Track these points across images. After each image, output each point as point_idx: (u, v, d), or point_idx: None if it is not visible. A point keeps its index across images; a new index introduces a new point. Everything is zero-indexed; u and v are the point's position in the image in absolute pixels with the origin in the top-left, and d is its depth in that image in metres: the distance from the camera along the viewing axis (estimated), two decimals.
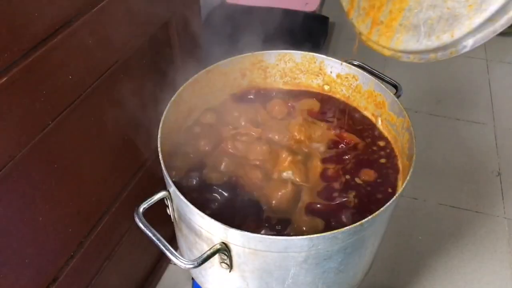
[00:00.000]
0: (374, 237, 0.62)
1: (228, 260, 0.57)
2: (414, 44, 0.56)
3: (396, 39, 0.59)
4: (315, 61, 0.78)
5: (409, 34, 0.57)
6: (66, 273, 0.69)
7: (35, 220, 0.60)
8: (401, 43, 0.58)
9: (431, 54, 0.56)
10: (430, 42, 0.54)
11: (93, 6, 0.59)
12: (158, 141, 0.61)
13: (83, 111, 0.63)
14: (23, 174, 0.56)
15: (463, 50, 0.53)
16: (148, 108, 0.80)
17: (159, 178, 0.62)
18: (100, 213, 0.76)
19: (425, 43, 0.55)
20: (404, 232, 1.19)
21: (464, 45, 0.52)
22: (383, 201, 0.61)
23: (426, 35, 0.54)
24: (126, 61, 0.70)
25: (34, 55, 0.51)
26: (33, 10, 0.50)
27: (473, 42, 0.52)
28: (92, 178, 0.71)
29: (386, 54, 0.63)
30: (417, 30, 0.55)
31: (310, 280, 0.59)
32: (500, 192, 1.29)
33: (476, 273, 1.11)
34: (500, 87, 1.65)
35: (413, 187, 1.28)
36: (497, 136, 1.45)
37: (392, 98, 0.70)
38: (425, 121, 1.51)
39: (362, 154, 0.70)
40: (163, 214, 0.63)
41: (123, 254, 0.85)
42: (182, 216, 0.59)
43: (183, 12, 0.83)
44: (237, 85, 0.79)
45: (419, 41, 0.55)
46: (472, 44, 0.52)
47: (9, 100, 0.49)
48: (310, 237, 0.51)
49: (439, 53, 0.55)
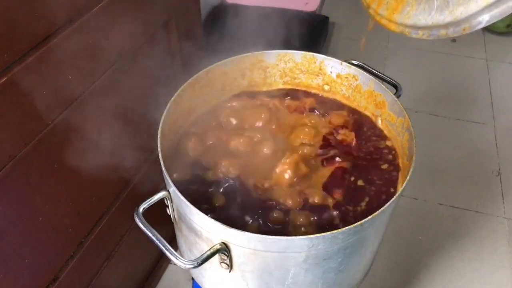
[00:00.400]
0: (374, 237, 0.62)
1: (228, 260, 0.57)
2: (425, 19, 0.52)
3: (406, 13, 0.55)
4: (315, 61, 0.78)
5: (421, 8, 0.53)
6: (66, 273, 0.69)
7: (35, 220, 0.60)
8: (411, 17, 0.55)
9: (442, 30, 0.52)
10: (443, 16, 0.50)
11: (93, 6, 0.59)
12: (158, 141, 0.61)
13: (83, 111, 0.63)
14: (23, 174, 0.56)
15: (478, 27, 0.49)
16: (148, 108, 0.80)
17: (159, 178, 0.62)
18: (100, 213, 0.76)
19: (437, 18, 0.51)
20: (404, 232, 1.19)
21: (480, 20, 0.48)
22: (383, 201, 0.62)
23: (439, 9, 0.50)
24: (126, 61, 0.70)
25: (34, 55, 0.51)
26: (33, 10, 0.50)
27: (489, 18, 0.48)
28: (92, 178, 0.71)
29: (394, 30, 0.59)
30: (429, 3, 0.51)
31: (310, 280, 0.59)
32: (500, 192, 1.29)
33: (476, 273, 1.11)
34: (500, 87, 1.65)
35: (413, 187, 1.28)
36: (497, 136, 1.45)
37: (392, 98, 0.70)
38: (425, 121, 1.51)
39: (362, 155, 0.70)
40: (163, 214, 0.63)
41: (123, 254, 0.85)
42: (182, 216, 0.59)
43: (183, 12, 0.83)
44: (237, 85, 0.79)
45: (430, 15, 0.51)
46: (488, 20, 0.48)
47: (9, 100, 0.49)
48: (310, 237, 0.51)
49: (451, 29, 0.51)
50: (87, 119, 0.65)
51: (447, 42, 1.87)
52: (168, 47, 0.83)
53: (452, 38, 1.88)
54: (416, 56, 1.79)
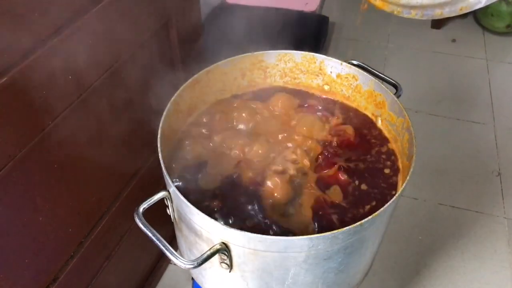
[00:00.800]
0: (374, 237, 0.62)
1: (228, 260, 0.57)
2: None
3: None
4: (315, 61, 0.78)
5: None
6: (66, 273, 0.69)
7: (35, 220, 0.60)
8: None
9: (437, 10, 0.49)
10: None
11: (93, 6, 0.59)
12: (158, 141, 0.61)
13: (83, 111, 0.63)
14: (23, 174, 0.56)
15: (476, 6, 0.45)
16: (148, 108, 0.80)
17: (159, 178, 0.62)
18: (100, 213, 0.76)
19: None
20: (404, 232, 1.19)
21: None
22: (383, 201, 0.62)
23: None
24: (126, 61, 0.70)
25: (34, 55, 0.51)
26: (33, 10, 0.50)
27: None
28: (92, 178, 0.71)
29: (385, 9, 0.56)
30: None
31: (310, 280, 0.59)
32: (500, 192, 1.29)
33: (476, 273, 1.11)
34: (500, 87, 1.65)
35: (413, 187, 1.28)
36: (497, 136, 1.45)
37: (392, 98, 0.70)
38: (425, 121, 1.51)
39: (362, 154, 0.70)
40: (163, 214, 0.63)
41: (123, 254, 0.85)
42: (182, 216, 0.59)
43: (183, 12, 0.83)
44: (237, 85, 0.79)
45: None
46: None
47: (9, 100, 0.49)
48: (310, 237, 0.51)
49: (447, 8, 0.48)
50: (87, 119, 0.65)
51: (447, 42, 1.87)
52: (168, 47, 0.83)
53: (452, 38, 1.88)
54: (416, 56, 1.79)
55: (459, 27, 1.95)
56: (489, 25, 1.87)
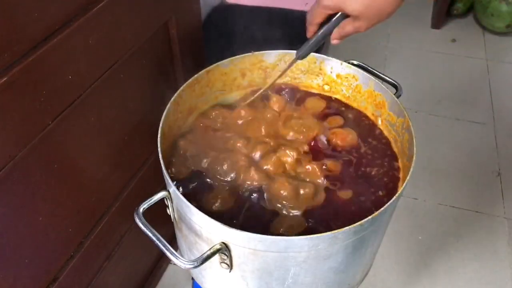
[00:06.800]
0: (374, 237, 0.62)
1: (228, 260, 0.57)
2: None
3: None
4: (315, 61, 0.78)
5: None
6: (66, 273, 0.69)
7: (35, 220, 0.60)
8: None
9: None
10: None
11: (93, 6, 0.59)
12: (158, 141, 0.61)
13: (83, 111, 0.63)
14: (23, 174, 0.56)
15: None
16: (148, 108, 0.80)
17: (159, 178, 0.62)
18: (100, 213, 0.76)
19: None
20: (404, 232, 1.19)
21: None
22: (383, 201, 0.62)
23: None
24: (126, 61, 0.70)
25: (34, 55, 0.51)
26: (33, 10, 0.50)
27: None
28: (92, 178, 0.71)
29: None
30: None
31: (310, 280, 0.59)
32: (500, 192, 1.29)
33: (476, 273, 1.11)
34: (500, 87, 1.65)
35: (413, 187, 1.28)
36: (497, 136, 1.45)
37: (392, 98, 0.70)
38: (425, 121, 1.51)
39: (362, 154, 0.70)
40: (163, 214, 0.63)
41: (123, 254, 0.85)
42: (182, 216, 0.59)
43: (183, 12, 0.83)
44: (237, 85, 0.79)
45: None
46: None
47: (9, 100, 0.49)
48: (310, 237, 0.51)
49: None
50: (87, 119, 0.65)
51: (447, 42, 1.87)
52: (168, 47, 0.83)
53: (452, 38, 1.88)
54: (416, 56, 1.79)
55: (459, 27, 1.95)
56: (489, 25, 1.87)
